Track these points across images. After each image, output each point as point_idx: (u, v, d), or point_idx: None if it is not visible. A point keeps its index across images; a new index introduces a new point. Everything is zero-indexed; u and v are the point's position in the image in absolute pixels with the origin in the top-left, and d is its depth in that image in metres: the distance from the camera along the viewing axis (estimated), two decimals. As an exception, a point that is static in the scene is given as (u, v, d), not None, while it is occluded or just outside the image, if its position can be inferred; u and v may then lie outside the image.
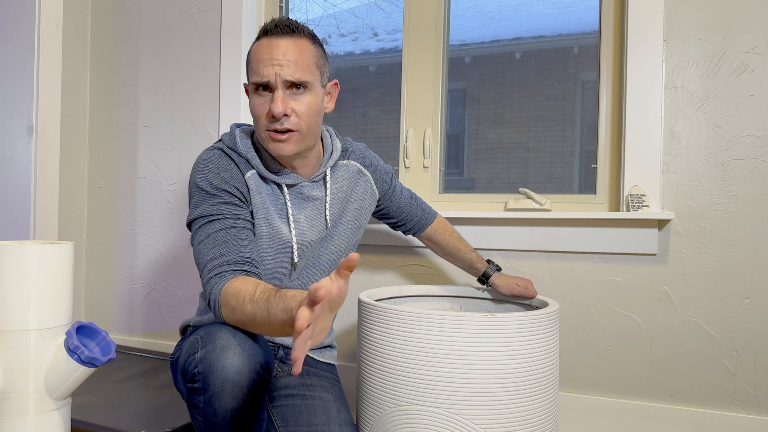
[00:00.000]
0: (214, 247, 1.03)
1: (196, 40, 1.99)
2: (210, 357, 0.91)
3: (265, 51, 1.05)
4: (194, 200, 1.10)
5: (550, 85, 1.73)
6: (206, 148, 1.15)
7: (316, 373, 1.28)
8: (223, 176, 1.09)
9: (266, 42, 1.06)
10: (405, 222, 1.41)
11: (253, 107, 1.08)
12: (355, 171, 1.26)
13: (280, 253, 1.15)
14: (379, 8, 1.94)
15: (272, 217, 1.12)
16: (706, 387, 1.47)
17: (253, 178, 1.12)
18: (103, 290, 2.15)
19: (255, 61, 1.06)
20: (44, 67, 1.91)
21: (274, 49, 1.05)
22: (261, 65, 1.05)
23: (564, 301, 1.59)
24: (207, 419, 0.93)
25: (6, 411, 0.92)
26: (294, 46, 1.06)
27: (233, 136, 1.15)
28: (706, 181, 1.47)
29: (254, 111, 1.08)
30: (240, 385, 0.91)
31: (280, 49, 1.05)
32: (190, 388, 0.94)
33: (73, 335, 0.93)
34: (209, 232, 1.05)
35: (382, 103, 1.92)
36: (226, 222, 1.06)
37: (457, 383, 1.04)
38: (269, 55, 1.05)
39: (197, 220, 1.08)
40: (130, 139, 2.10)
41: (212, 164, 1.10)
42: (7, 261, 0.91)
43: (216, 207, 1.07)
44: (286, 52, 1.05)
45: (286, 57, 1.05)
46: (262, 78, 1.05)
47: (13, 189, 1.92)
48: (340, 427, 1.13)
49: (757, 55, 1.42)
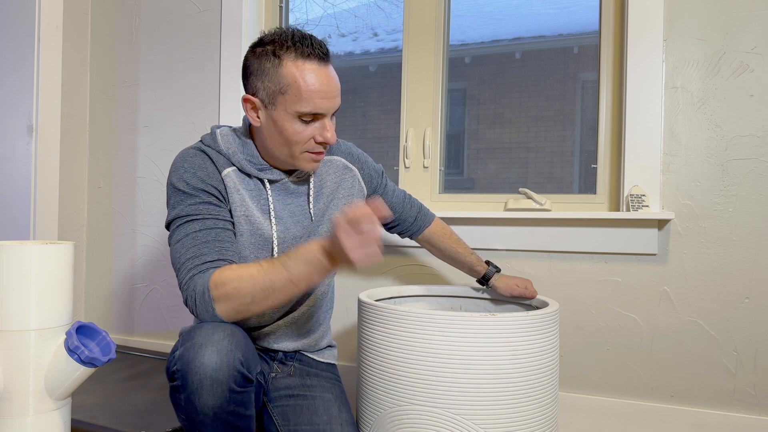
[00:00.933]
0: (193, 247, 1.02)
1: (196, 40, 1.99)
2: (188, 354, 0.91)
3: (318, 82, 1.03)
4: (172, 201, 1.08)
5: (550, 85, 1.73)
6: (181, 152, 1.13)
7: (317, 373, 1.28)
8: (199, 175, 1.07)
9: (315, 70, 1.04)
10: (399, 223, 1.39)
11: (293, 133, 1.05)
12: (340, 166, 1.25)
13: (261, 249, 1.14)
14: (379, 8, 1.94)
15: (252, 214, 1.11)
16: (706, 387, 1.47)
17: (232, 175, 1.10)
18: (103, 290, 2.15)
19: (307, 92, 1.03)
20: (44, 67, 1.91)
21: (325, 80, 1.04)
22: (316, 98, 1.03)
23: (564, 301, 1.59)
24: (189, 417, 0.93)
25: (6, 411, 0.92)
26: (334, 75, 1.08)
27: (213, 135, 1.14)
28: (706, 181, 1.47)
29: (294, 137, 1.06)
30: (218, 381, 0.90)
31: (330, 80, 1.05)
32: (171, 386, 0.94)
33: (73, 335, 0.93)
34: (188, 232, 1.03)
35: (382, 103, 1.92)
36: (206, 222, 1.04)
37: (457, 383, 1.04)
38: (325, 88, 1.04)
39: (176, 220, 1.06)
40: (130, 139, 2.10)
41: (188, 164, 1.09)
42: (7, 261, 0.91)
43: (194, 207, 1.05)
44: (335, 82, 1.07)
45: (335, 88, 1.06)
46: (317, 110, 1.04)
47: (13, 189, 1.92)
48: (341, 426, 1.13)
49: (757, 55, 1.42)
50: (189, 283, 0.99)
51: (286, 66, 1.03)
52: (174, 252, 1.04)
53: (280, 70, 1.03)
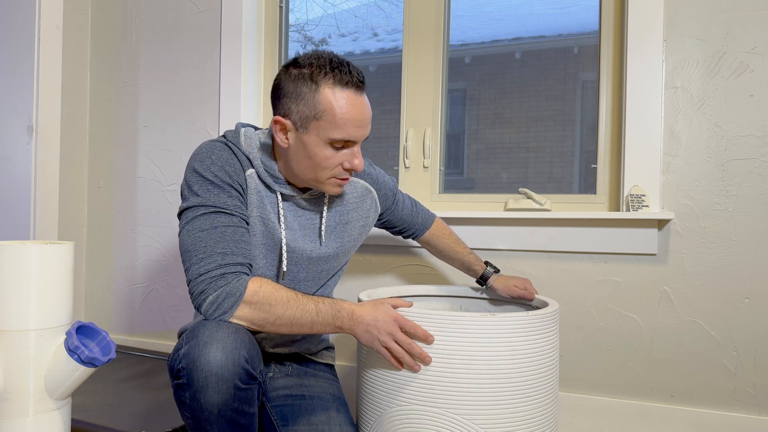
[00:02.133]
0: (222, 241, 1.00)
1: (196, 40, 1.99)
2: (193, 352, 0.91)
3: (354, 111, 1.03)
4: (195, 187, 1.04)
5: (550, 85, 1.73)
6: (207, 140, 1.12)
7: (315, 373, 1.28)
8: (227, 170, 1.06)
9: (352, 99, 1.03)
10: (407, 229, 1.41)
11: (323, 159, 1.05)
12: (361, 188, 1.25)
13: (271, 251, 1.14)
14: (379, 8, 1.94)
15: (268, 217, 1.11)
16: (706, 387, 1.47)
17: (253, 176, 1.10)
18: (103, 290, 2.15)
19: (342, 120, 1.02)
20: (44, 67, 1.91)
21: (360, 108, 1.04)
22: (350, 125, 1.03)
23: (564, 301, 1.59)
24: (194, 415, 0.93)
25: (6, 411, 0.92)
26: (368, 103, 1.08)
27: (237, 134, 1.13)
28: (706, 181, 1.47)
29: (324, 162, 1.05)
30: (224, 378, 0.91)
31: (365, 109, 1.05)
32: (176, 384, 0.95)
33: (73, 335, 0.93)
34: (216, 224, 1.01)
35: (382, 103, 1.92)
36: (233, 219, 1.04)
37: (457, 383, 1.04)
38: (360, 116, 1.04)
39: (200, 207, 1.02)
40: (130, 139, 2.10)
41: (215, 156, 1.07)
42: (7, 261, 0.91)
43: (223, 200, 1.04)
44: (368, 111, 1.07)
45: (368, 117, 1.07)
46: (350, 138, 1.04)
47: (13, 189, 1.92)
48: (340, 426, 1.13)
49: (757, 55, 1.42)
50: (219, 280, 0.98)
51: (323, 92, 1.02)
52: (195, 239, 1.00)
53: (317, 95, 1.02)
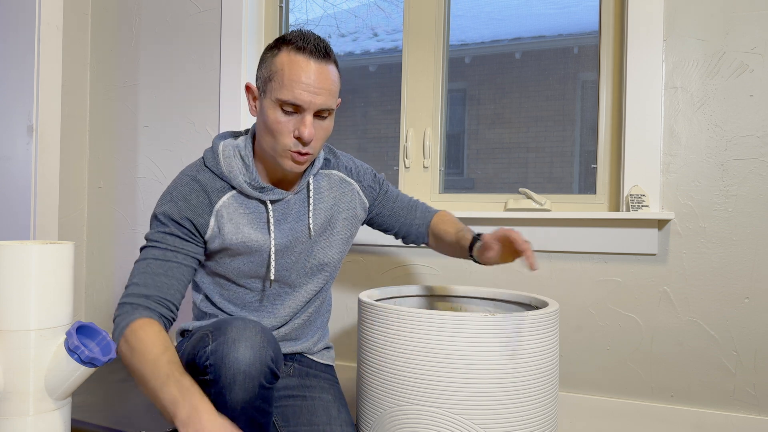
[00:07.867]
0: (142, 273, 1.06)
1: (196, 40, 1.99)
2: (221, 349, 0.93)
3: (302, 73, 1.03)
4: (151, 221, 1.13)
5: (550, 85, 1.73)
6: (183, 170, 1.14)
7: (315, 374, 1.28)
8: (180, 206, 1.09)
9: (303, 62, 1.03)
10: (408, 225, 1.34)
11: (273, 122, 1.05)
12: (337, 180, 1.24)
13: (260, 267, 1.16)
14: (379, 8, 1.94)
15: (249, 239, 1.12)
16: (706, 387, 1.47)
17: (230, 201, 1.11)
18: (103, 290, 2.15)
19: (289, 79, 1.03)
20: (44, 67, 1.91)
21: (311, 74, 1.03)
22: (296, 87, 1.03)
23: (564, 301, 1.59)
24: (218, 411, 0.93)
25: (6, 411, 0.92)
26: (328, 74, 1.05)
27: (216, 154, 1.13)
28: (706, 181, 1.47)
29: (274, 126, 1.05)
30: (251, 376, 0.92)
31: (317, 76, 1.04)
32: (201, 380, 0.95)
33: (73, 335, 0.93)
34: (146, 256, 1.08)
35: (382, 103, 1.92)
36: (166, 253, 1.08)
37: (457, 383, 1.04)
38: (307, 80, 1.03)
39: (146, 240, 1.11)
40: (130, 139, 2.10)
41: (176, 192, 1.11)
42: (7, 261, 0.91)
43: (161, 235, 1.09)
44: (323, 80, 1.04)
45: (321, 85, 1.04)
46: (295, 100, 1.03)
47: (13, 189, 1.92)
48: (341, 427, 1.13)
49: (757, 55, 1.42)
50: (120, 308, 1.04)
51: (280, 56, 1.05)
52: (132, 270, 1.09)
53: (274, 59, 1.06)
